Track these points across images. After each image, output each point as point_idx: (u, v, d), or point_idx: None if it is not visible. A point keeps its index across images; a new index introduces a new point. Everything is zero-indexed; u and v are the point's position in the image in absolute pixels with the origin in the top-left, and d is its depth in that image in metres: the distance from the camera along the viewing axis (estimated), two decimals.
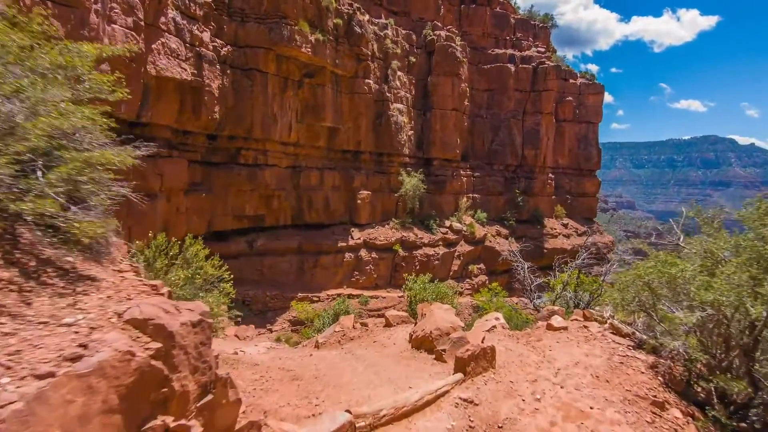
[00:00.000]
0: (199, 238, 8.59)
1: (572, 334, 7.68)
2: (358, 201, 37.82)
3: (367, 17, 38.61)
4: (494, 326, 7.71)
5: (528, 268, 13.45)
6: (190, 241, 7.35)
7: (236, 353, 7.59)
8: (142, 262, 6.85)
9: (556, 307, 8.67)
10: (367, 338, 7.74)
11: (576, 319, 8.27)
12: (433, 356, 6.69)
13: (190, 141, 27.87)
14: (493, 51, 51.28)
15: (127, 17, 18.50)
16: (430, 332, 6.49)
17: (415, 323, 8.10)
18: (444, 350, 6.54)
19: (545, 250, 44.64)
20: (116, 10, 17.94)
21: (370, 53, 38.34)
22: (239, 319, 27.57)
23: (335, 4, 34.34)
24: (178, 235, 27.57)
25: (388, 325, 8.42)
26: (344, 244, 35.72)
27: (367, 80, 38.38)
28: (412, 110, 43.72)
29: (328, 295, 33.22)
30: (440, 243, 40.72)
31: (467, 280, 41.49)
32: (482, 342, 6.22)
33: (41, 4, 15.11)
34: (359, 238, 36.86)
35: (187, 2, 24.69)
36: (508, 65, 50.01)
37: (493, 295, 27.44)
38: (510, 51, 51.94)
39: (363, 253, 36.61)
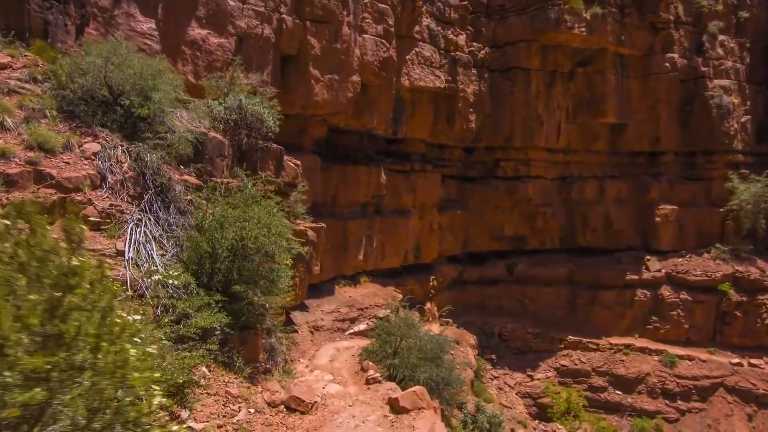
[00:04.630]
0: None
1: None
2: (657, 219, 27.81)
3: None
4: None
5: None
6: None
7: None
8: None
9: None
10: None
11: None
12: None
13: (446, 155, 26.20)
14: None
15: (378, 25, 17.90)
16: None
17: None
18: None
19: None
20: (367, 20, 17.53)
21: (672, 18, 28.32)
22: (493, 357, 23.49)
23: None
24: (430, 254, 26.26)
25: None
26: (635, 276, 26.57)
27: (668, 55, 28.42)
28: (747, 86, 29.99)
29: (610, 343, 25.06)
30: None
31: None
32: None
33: (302, 24, 15.66)
34: (659, 270, 26.81)
35: (442, 7, 23.21)
36: None
37: None
38: None
39: (665, 291, 26.35)
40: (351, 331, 14.96)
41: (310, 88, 16.13)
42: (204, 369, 5.78)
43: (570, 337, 25.13)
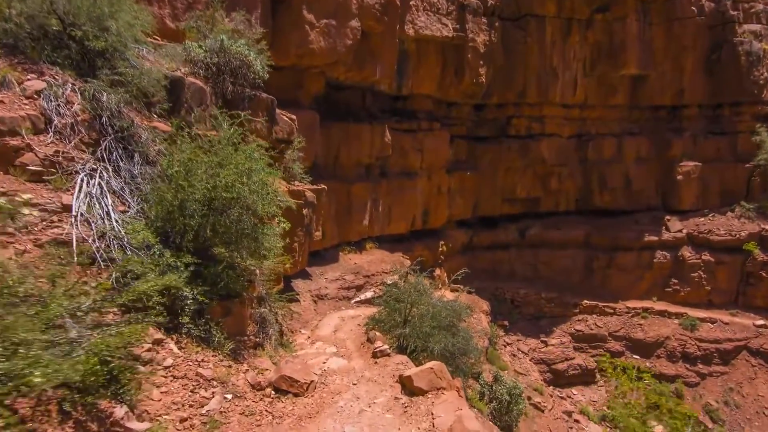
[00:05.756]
0: None
1: None
2: (679, 177, 26.30)
3: None
4: None
5: None
6: None
7: None
8: None
9: None
10: None
11: None
12: None
13: (454, 114, 24.55)
14: None
15: None
16: None
17: None
18: None
19: None
20: None
21: None
22: (506, 323, 22.67)
23: None
24: (439, 219, 25.06)
25: None
26: (655, 238, 25.32)
27: None
28: None
29: (627, 307, 24.11)
30: None
31: None
32: None
33: None
34: (680, 231, 25.51)
35: None
36: None
37: None
38: None
39: (686, 252, 25.14)
40: (357, 299, 14.03)
41: (304, 34, 14.56)
42: (172, 346, 4.75)
43: (585, 301, 24.18)
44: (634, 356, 22.51)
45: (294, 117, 13.01)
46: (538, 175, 26.31)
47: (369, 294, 14.21)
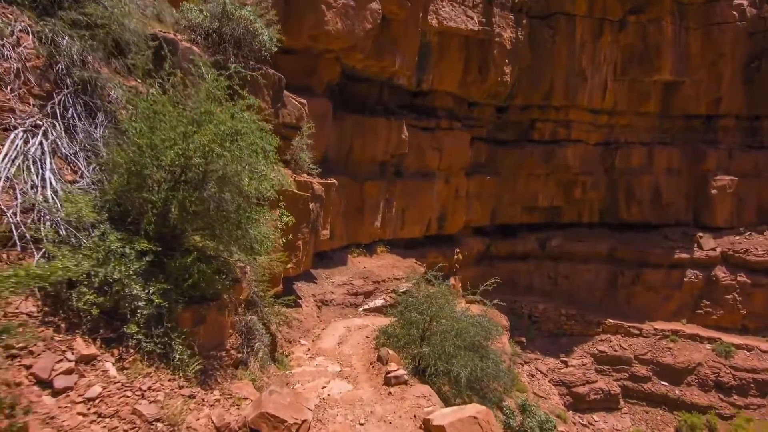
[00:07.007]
0: None
1: None
2: (713, 191, 24.55)
3: None
4: None
5: None
6: None
7: None
8: None
9: None
10: None
11: None
12: None
13: (475, 114, 23.19)
14: None
15: None
16: None
17: None
18: None
19: None
20: None
21: None
22: (523, 340, 21.06)
23: None
24: (456, 224, 23.59)
25: None
26: (686, 255, 23.55)
27: (736, 2, 24.65)
28: None
29: (655, 328, 22.33)
30: None
31: None
32: None
33: None
34: (714, 249, 23.71)
35: None
36: None
37: None
38: None
39: (720, 272, 23.31)
40: (365, 306, 12.64)
41: (320, 14, 13.33)
42: (108, 366, 3.35)
43: (609, 320, 22.46)
44: (662, 382, 20.71)
45: (304, 101, 11.74)
46: (562, 183, 24.77)
47: (378, 302, 12.81)
